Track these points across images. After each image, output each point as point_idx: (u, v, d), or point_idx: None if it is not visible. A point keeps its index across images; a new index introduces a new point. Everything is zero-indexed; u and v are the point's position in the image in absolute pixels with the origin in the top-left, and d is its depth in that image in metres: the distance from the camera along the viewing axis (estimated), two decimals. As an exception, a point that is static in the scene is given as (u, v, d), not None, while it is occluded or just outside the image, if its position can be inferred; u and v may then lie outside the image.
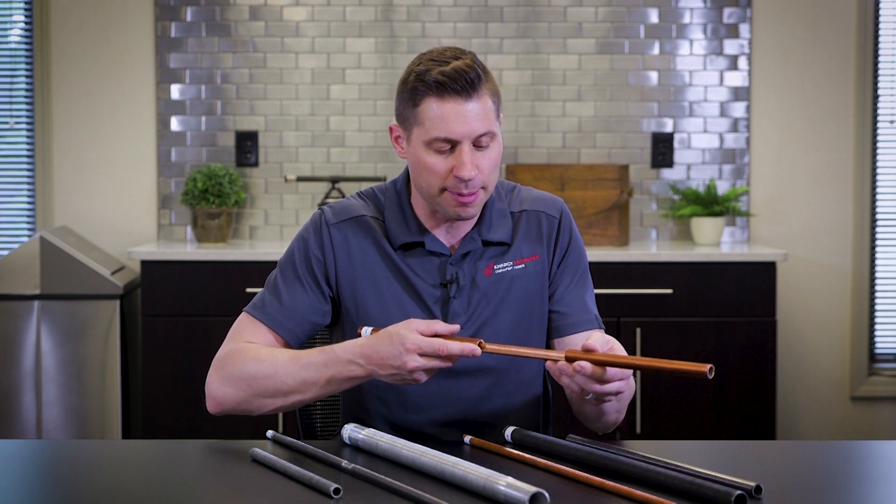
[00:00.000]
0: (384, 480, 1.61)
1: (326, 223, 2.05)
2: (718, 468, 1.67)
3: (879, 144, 4.44)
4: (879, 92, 4.43)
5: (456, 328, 1.82)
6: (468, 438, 1.89)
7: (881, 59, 4.42)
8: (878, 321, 4.46)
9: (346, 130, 4.38)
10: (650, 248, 4.18)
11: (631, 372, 1.81)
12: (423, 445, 1.74)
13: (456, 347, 1.78)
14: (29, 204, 4.41)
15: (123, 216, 4.39)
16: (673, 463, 1.70)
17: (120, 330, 3.99)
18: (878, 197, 4.44)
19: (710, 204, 4.25)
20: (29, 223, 4.42)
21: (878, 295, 4.46)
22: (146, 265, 3.89)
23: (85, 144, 4.38)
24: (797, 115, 4.41)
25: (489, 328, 2.02)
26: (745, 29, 4.39)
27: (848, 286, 4.42)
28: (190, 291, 3.88)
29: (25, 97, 4.40)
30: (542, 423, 2.14)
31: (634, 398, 3.87)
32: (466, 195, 1.94)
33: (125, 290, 4.02)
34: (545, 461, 1.73)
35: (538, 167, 4.18)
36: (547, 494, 1.51)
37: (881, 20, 4.41)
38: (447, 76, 1.90)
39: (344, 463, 1.71)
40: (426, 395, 2.01)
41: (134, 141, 4.38)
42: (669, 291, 3.90)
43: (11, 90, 4.42)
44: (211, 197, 4.17)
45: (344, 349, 1.88)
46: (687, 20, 4.39)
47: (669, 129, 4.40)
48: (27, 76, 4.39)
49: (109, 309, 3.98)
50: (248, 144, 4.37)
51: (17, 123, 4.41)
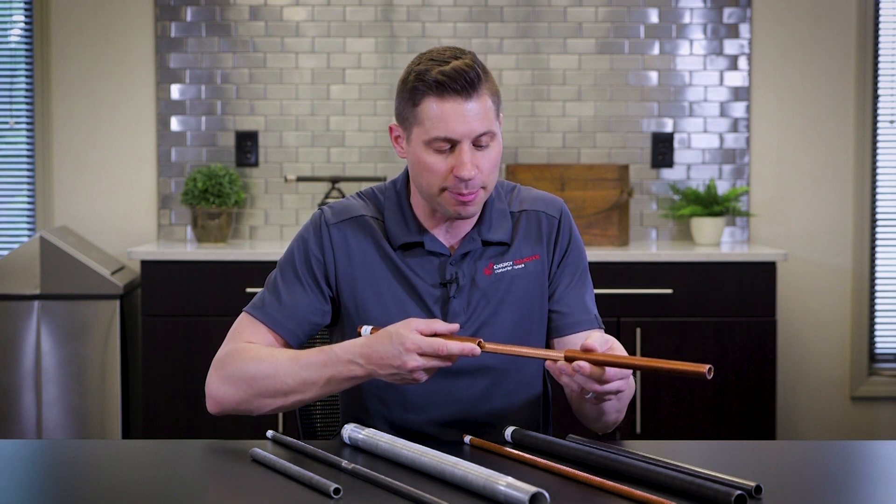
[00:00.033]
0: (384, 480, 1.61)
1: (326, 223, 2.05)
2: (718, 468, 1.67)
3: (879, 144, 4.44)
4: (879, 92, 4.43)
5: (455, 327, 1.82)
6: (468, 438, 1.89)
7: (881, 59, 4.42)
8: (878, 321, 4.46)
9: (346, 130, 4.38)
10: (650, 248, 4.18)
11: (630, 371, 1.81)
12: (423, 445, 1.73)
13: (455, 347, 1.78)
14: (29, 204, 4.41)
15: (123, 216, 4.39)
16: (673, 463, 1.70)
17: (120, 330, 3.99)
18: (878, 197, 4.44)
19: (710, 204, 4.25)
20: (29, 223, 4.41)
21: (878, 295, 4.46)
22: (146, 265, 3.89)
23: (85, 144, 4.38)
24: (797, 115, 4.41)
25: (489, 328, 2.02)
26: (745, 29, 4.38)
27: (848, 286, 4.42)
28: (190, 291, 3.88)
29: (25, 97, 4.40)
30: (542, 422, 2.14)
31: (634, 398, 3.87)
32: (466, 195, 1.94)
33: (125, 290, 4.02)
34: (545, 461, 1.73)
35: (538, 167, 4.18)
36: (547, 494, 1.51)
37: (881, 20, 4.41)
38: (447, 76, 1.90)
39: (344, 463, 1.71)
40: (426, 394, 2.01)
41: (134, 141, 4.38)
42: (669, 291, 3.90)
43: (11, 90, 4.42)
44: (211, 197, 4.17)
45: (343, 349, 1.88)
46: (687, 20, 4.39)
47: (669, 129, 4.40)
48: (27, 76, 4.39)
49: (109, 309, 3.98)
50: (248, 144, 4.37)
51: (17, 123, 4.41)
